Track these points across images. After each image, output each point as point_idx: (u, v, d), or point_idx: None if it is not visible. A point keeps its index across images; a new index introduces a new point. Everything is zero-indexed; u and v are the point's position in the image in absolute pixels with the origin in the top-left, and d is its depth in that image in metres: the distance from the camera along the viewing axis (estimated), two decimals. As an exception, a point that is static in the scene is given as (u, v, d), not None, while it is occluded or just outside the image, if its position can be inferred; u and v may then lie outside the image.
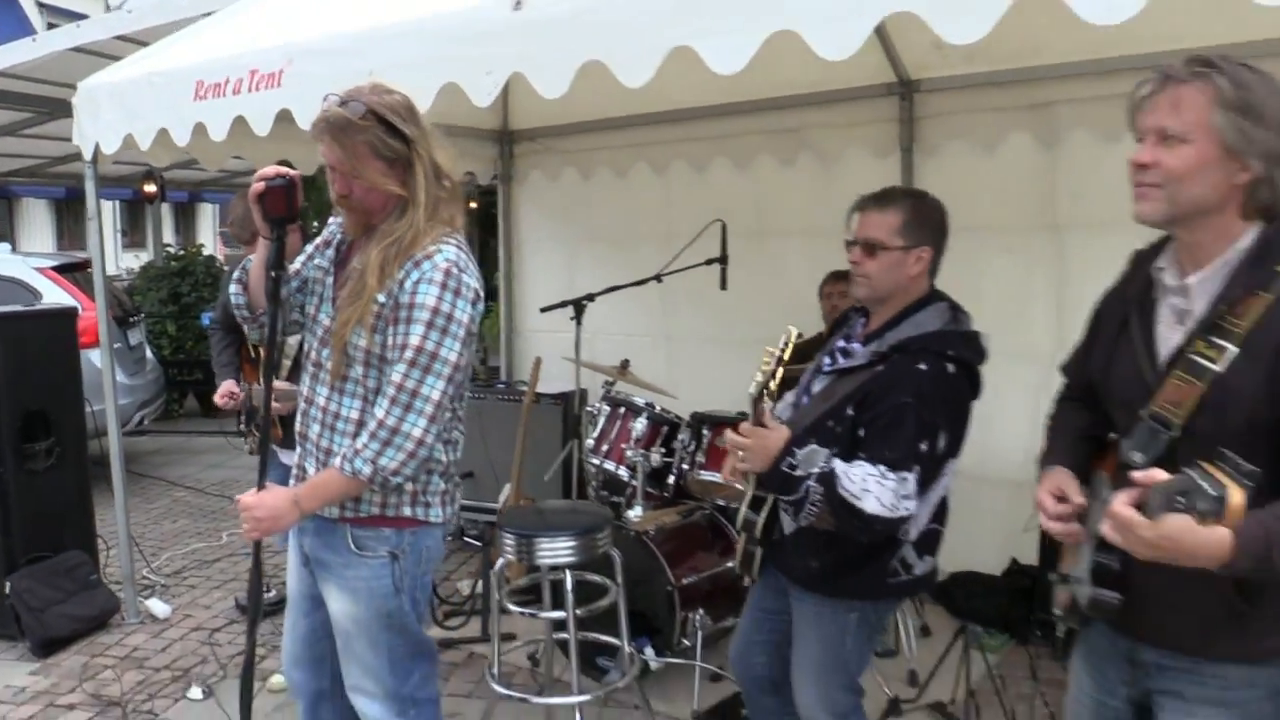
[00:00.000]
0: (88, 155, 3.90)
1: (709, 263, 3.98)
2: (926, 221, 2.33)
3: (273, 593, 4.46)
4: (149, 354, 7.33)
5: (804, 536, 2.31)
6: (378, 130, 2.14)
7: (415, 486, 2.28)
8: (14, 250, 8.00)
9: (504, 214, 5.92)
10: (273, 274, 2.26)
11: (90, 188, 4.01)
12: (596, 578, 3.01)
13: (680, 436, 3.80)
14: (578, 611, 2.81)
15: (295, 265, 2.39)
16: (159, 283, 8.62)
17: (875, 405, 2.21)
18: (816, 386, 2.43)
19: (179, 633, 4.21)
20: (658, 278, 4.02)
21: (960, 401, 2.27)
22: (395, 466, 2.15)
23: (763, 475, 2.22)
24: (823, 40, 2.07)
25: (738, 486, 3.01)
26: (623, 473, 3.82)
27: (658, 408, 3.93)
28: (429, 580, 2.41)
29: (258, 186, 2.22)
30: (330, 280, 2.35)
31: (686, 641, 3.48)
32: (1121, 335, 1.74)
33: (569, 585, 2.76)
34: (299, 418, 2.38)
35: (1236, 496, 1.29)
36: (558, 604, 2.94)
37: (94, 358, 4.87)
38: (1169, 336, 1.65)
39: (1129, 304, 1.75)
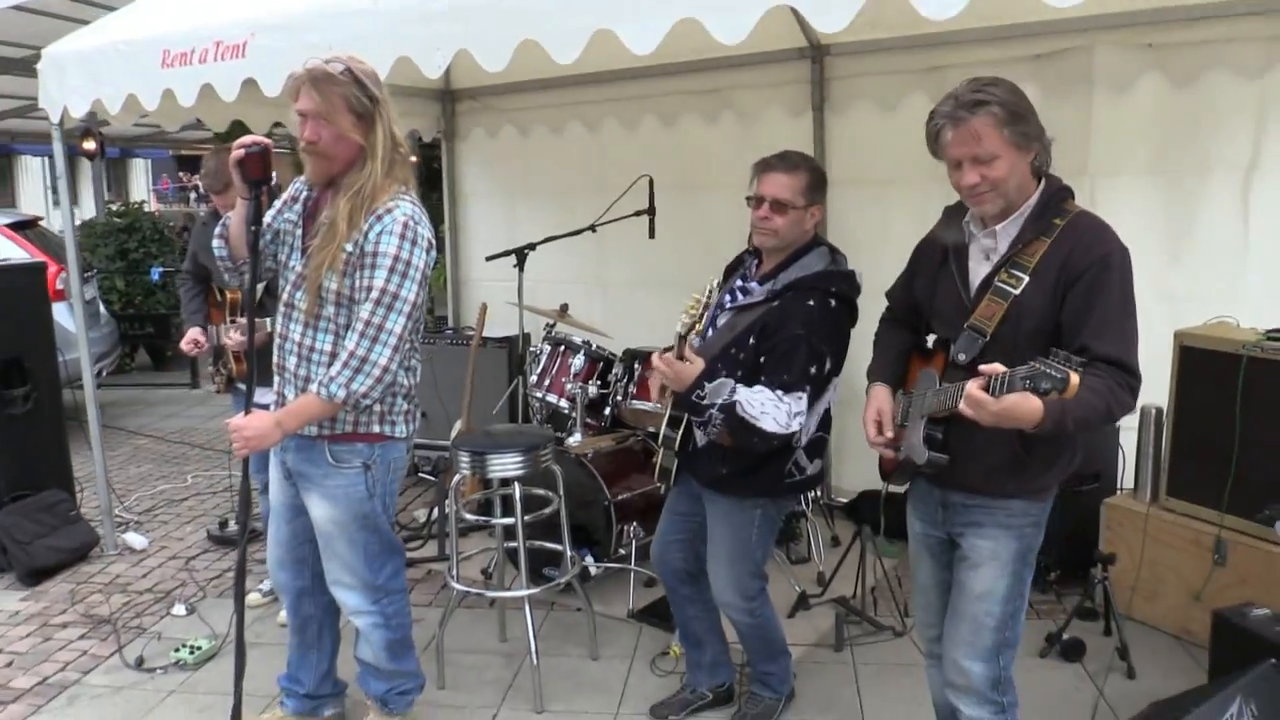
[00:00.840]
0: (54, 118, 4.14)
1: (638, 214, 4.37)
2: (820, 184, 2.76)
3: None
4: (102, 309, 7.53)
5: (714, 447, 2.75)
6: (352, 87, 2.51)
7: (382, 407, 2.68)
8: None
9: (447, 169, 6.24)
10: (252, 228, 2.62)
11: (58, 149, 4.26)
12: (541, 491, 3.44)
13: (615, 370, 4.22)
14: (525, 518, 3.24)
15: (266, 219, 2.74)
16: (106, 239, 8.75)
17: (772, 336, 2.66)
18: (721, 320, 2.86)
19: (157, 561, 4.56)
20: (592, 228, 4.42)
21: (842, 329, 2.73)
22: (365, 390, 2.55)
23: (678, 400, 2.65)
24: (719, 26, 2.47)
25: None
26: (564, 404, 4.23)
27: (594, 345, 4.34)
28: (396, 487, 2.82)
29: (238, 153, 2.56)
30: (299, 232, 2.71)
31: (622, 551, 3.95)
32: (942, 269, 2.28)
33: (518, 494, 3.19)
34: (276, 352, 2.75)
35: (1075, 378, 1.77)
36: (508, 516, 3.38)
37: (55, 312, 5.12)
38: (979, 270, 2.20)
39: (946, 247, 2.24)
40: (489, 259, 4.56)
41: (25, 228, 6.76)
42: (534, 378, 4.40)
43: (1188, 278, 4.02)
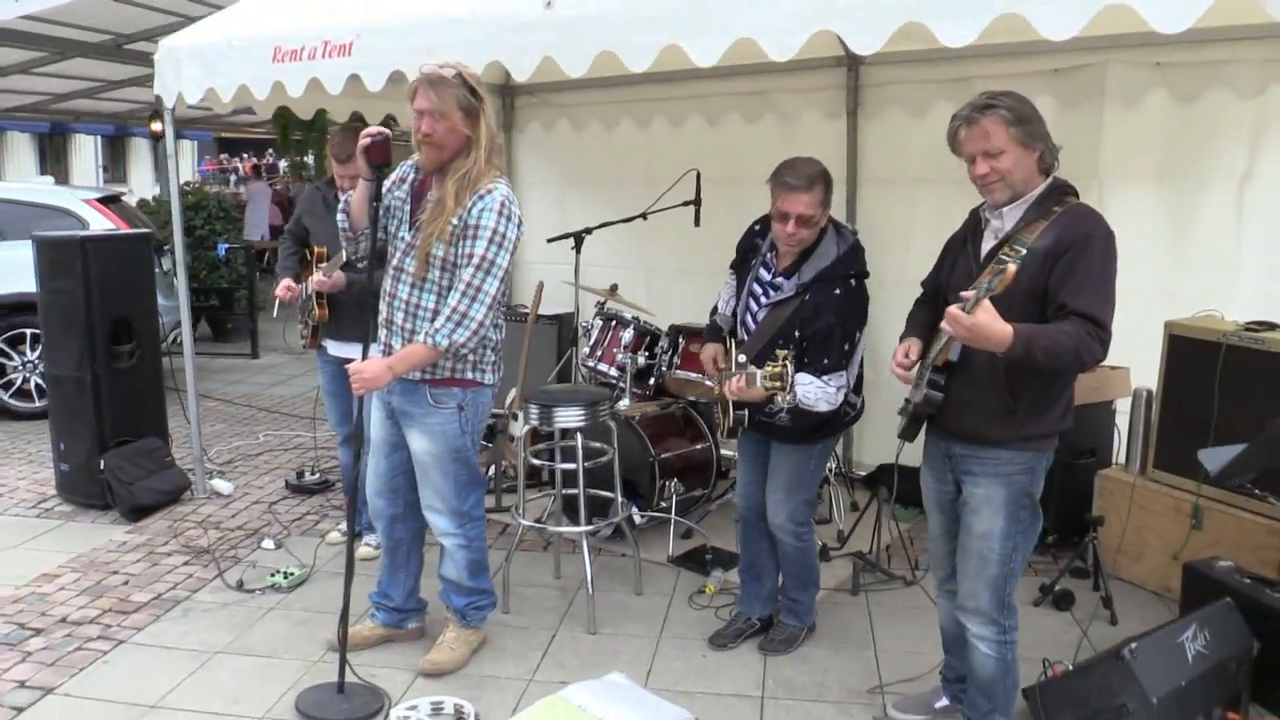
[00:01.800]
0: (169, 104, 4.65)
1: (685, 204, 4.83)
2: (829, 187, 3.24)
3: (317, 475, 5.36)
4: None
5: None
6: (462, 89, 2.98)
7: (474, 357, 3.17)
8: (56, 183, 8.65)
9: (506, 158, 6.71)
10: (374, 204, 3.11)
11: (170, 132, 4.78)
12: (597, 444, 3.91)
13: (661, 343, 4.69)
14: (585, 464, 3.71)
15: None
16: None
17: (809, 327, 3.14)
18: (761, 316, 3.31)
19: (242, 504, 5.08)
20: (643, 215, 4.89)
21: (864, 303, 3.22)
22: (464, 340, 3.03)
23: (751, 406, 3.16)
24: (773, 45, 2.93)
25: (707, 383, 3.92)
26: (613, 373, 4.69)
27: (643, 320, 4.81)
28: (482, 427, 3.30)
29: (364, 141, 3.04)
30: (408, 208, 3.19)
31: (664, 504, 4.41)
32: (961, 253, 2.72)
33: (580, 443, 3.66)
34: (385, 308, 3.23)
35: (1012, 266, 2.23)
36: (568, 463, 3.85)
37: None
38: (987, 246, 2.64)
39: (966, 236, 2.70)
40: (550, 241, 5.03)
41: (111, 202, 7.29)
42: (586, 349, 4.87)
43: (1188, 276, 4.42)
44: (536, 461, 3.88)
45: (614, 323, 4.78)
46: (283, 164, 21.59)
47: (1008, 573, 2.68)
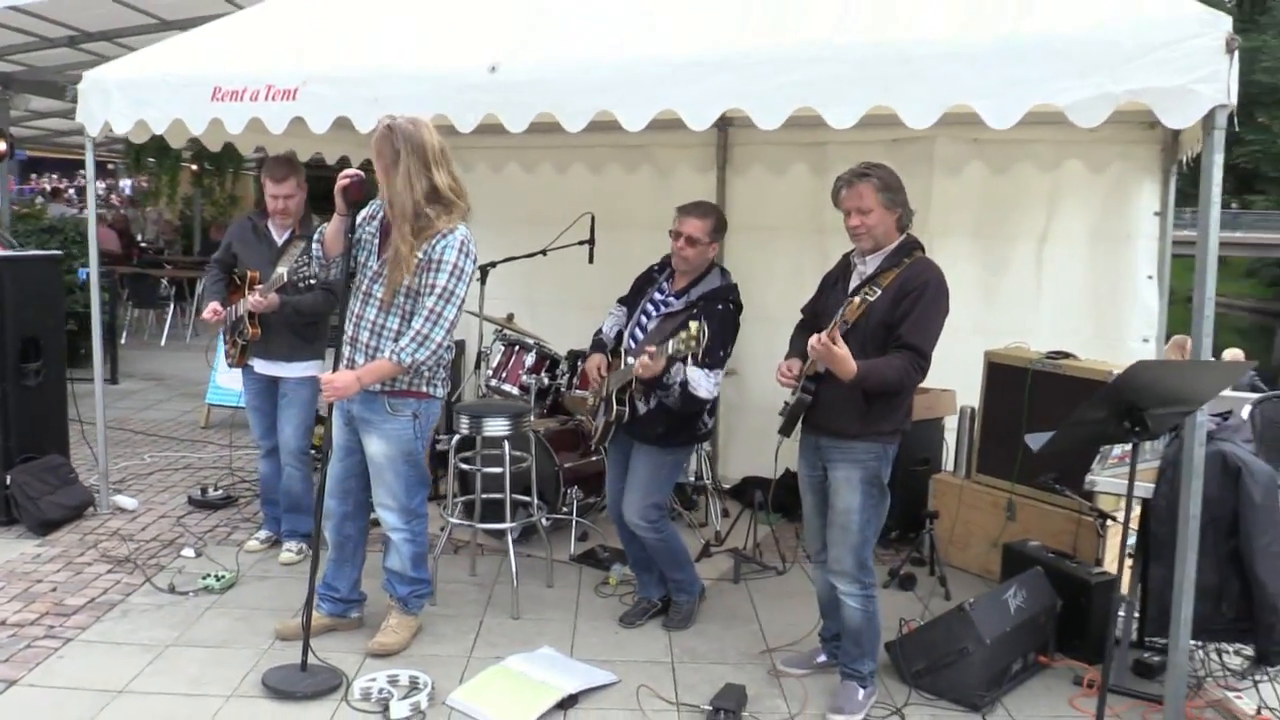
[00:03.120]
0: (93, 132, 4.83)
1: (581, 243, 5.42)
2: (721, 227, 3.90)
3: (220, 491, 5.57)
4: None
5: (654, 413, 3.81)
6: (384, 140, 3.43)
7: (429, 373, 3.62)
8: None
9: (393, 196, 7.09)
10: (348, 236, 3.53)
11: (90, 159, 4.97)
12: (516, 453, 4.41)
13: (561, 366, 5.23)
14: (510, 469, 4.21)
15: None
16: (27, 239, 9.08)
17: None
18: (651, 325, 3.91)
19: (149, 519, 5.23)
20: (544, 252, 5.44)
21: (737, 325, 3.87)
22: (424, 358, 3.49)
23: (653, 380, 3.68)
24: (691, 117, 3.58)
25: (586, 396, 4.54)
26: (516, 392, 5.18)
27: (542, 345, 5.34)
28: (430, 434, 3.74)
29: (344, 181, 3.48)
30: (376, 242, 3.63)
31: (565, 509, 4.93)
32: (833, 289, 3.45)
33: (508, 450, 4.15)
34: (351, 328, 3.63)
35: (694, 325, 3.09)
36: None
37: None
38: (854, 285, 3.35)
39: (839, 275, 3.44)
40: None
41: (-22, 223, 7.18)
42: (489, 371, 5.34)
43: (1000, 314, 5.37)
44: (465, 466, 4.34)
45: (516, 347, 5.28)
46: (126, 185, 20.74)
47: (864, 539, 3.38)
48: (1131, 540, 3.64)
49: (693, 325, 3.47)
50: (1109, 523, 4.26)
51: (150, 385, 8.88)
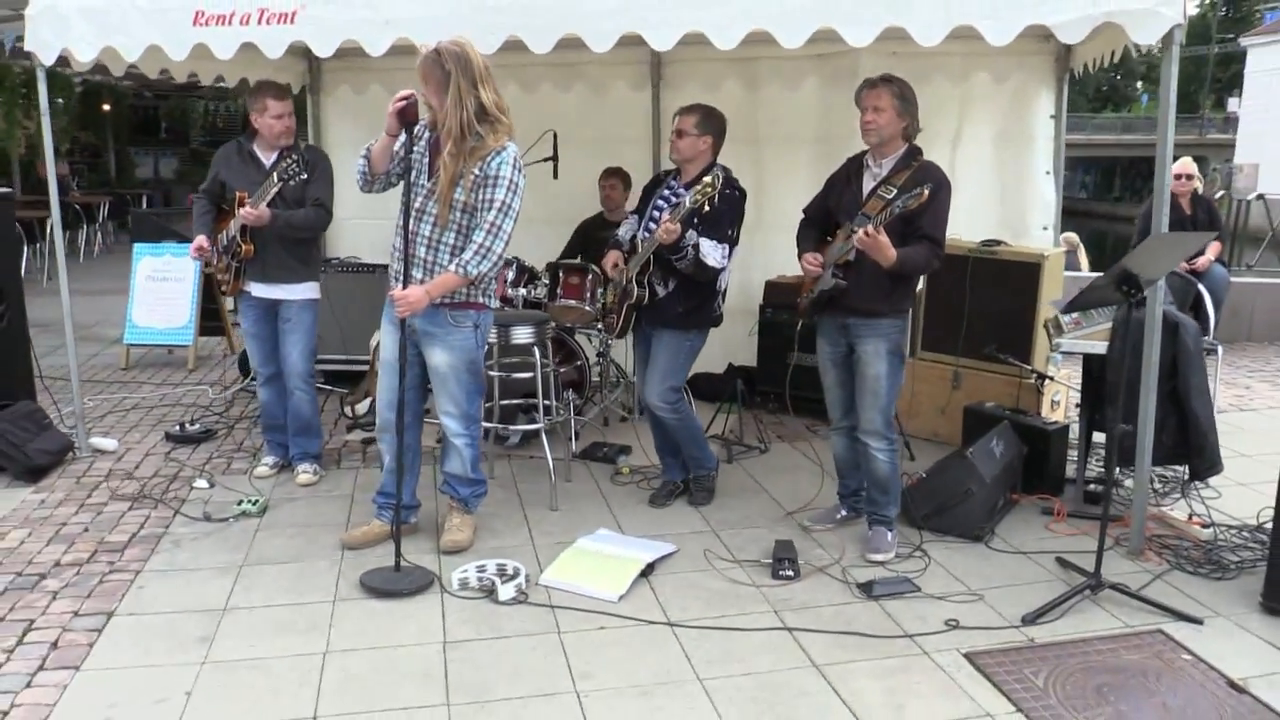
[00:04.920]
0: (47, 61, 4.60)
1: (544, 160, 5.64)
2: (708, 120, 4.24)
3: (196, 426, 5.55)
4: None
5: (673, 295, 4.22)
6: (431, 62, 3.61)
7: (484, 285, 3.86)
8: None
9: (312, 120, 6.98)
10: (406, 155, 3.69)
11: (43, 89, 4.73)
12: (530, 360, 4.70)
13: (541, 278, 5.50)
14: (530, 374, 4.51)
15: (396, 147, 3.78)
16: None
17: (705, 213, 4.12)
18: (665, 215, 4.27)
19: (136, 457, 5.17)
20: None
21: (742, 211, 4.27)
22: (486, 270, 3.73)
23: (671, 245, 4.05)
24: (716, 38, 3.91)
25: (586, 310, 4.92)
26: (501, 306, 5.40)
27: (521, 260, 5.57)
28: (485, 343, 4.00)
29: (399, 104, 3.61)
30: (426, 160, 3.79)
31: (562, 413, 5.27)
32: (845, 188, 3.92)
33: (538, 355, 4.45)
34: (405, 245, 3.78)
35: (925, 191, 3.47)
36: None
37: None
38: (868, 184, 3.87)
39: (849, 175, 3.94)
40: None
41: None
42: (467, 289, 5.53)
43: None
44: (495, 374, 4.60)
45: (496, 264, 5.49)
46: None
47: (890, 401, 3.97)
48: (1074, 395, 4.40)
49: (706, 179, 3.91)
50: (1047, 382, 5.03)
51: (37, 332, 8.34)
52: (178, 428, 5.48)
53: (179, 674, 3.11)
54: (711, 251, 4.11)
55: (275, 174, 4.33)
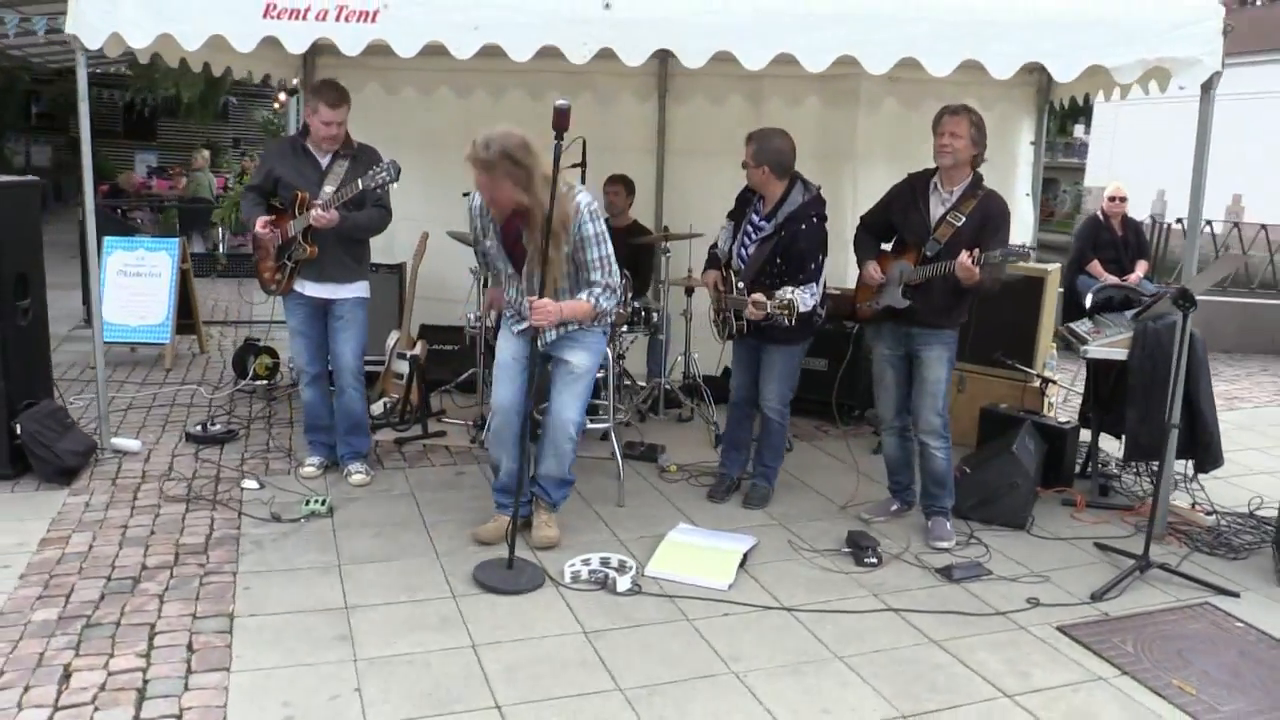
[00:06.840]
0: (91, 46, 4.42)
1: (574, 166, 5.74)
2: (763, 150, 4.42)
3: (218, 426, 5.41)
4: None
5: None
6: (507, 164, 3.70)
7: (604, 320, 4.03)
8: None
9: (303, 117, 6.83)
10: (556, 162, 3.73)
11: (82, 74, 4.53)
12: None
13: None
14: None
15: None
16: None
17: (788, 254, 4.39)
18: (750, 249, 4.51)
19: (163, 458, 5.00)
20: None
21: (825, 236, 4.52)
22: (608, 307, 3.92)
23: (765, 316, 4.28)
24: (808, 61, 4.17)
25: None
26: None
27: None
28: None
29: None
30: (495, 226, 3.94)
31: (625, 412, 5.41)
32: (912, 206, 4.25)
33: (612, 354, 4.59)
34: (517, 295, 3.96)
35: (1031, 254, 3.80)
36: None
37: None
38: (937, 209, 4.21)
39: (915, 194, 4.26)
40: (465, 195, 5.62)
41: None
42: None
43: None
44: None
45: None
46: None
47: (945, 402, 4.33)
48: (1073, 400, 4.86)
49: (786, 296, 4.13)
50: (1049, 386, 5.50)
51: None
52: (199, 428, 5.32)
53: (337, 671, 3.11)
54: (804, 299, 4.22)
55: (361, 182, 4.31)
